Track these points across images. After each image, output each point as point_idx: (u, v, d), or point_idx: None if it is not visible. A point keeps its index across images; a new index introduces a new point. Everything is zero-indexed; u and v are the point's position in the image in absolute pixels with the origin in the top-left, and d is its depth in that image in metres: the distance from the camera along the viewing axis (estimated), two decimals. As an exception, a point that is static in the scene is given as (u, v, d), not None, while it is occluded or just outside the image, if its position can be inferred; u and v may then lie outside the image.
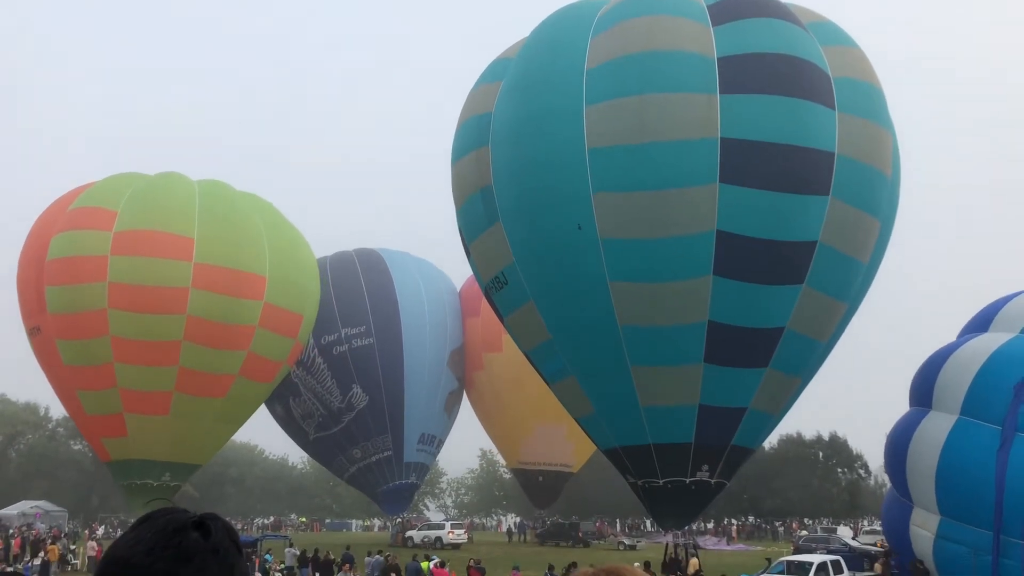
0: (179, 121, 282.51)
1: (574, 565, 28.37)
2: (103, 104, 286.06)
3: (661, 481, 24.47)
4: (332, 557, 33.03)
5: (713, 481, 24.59)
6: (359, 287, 44.62)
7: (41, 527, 53.69)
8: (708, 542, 54.19)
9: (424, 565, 30.05)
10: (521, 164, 23.25)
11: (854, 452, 74.16)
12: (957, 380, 22.39)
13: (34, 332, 35.32)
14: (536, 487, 54.39)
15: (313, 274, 40.16)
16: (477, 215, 25.03)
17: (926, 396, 23.44)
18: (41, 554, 39.48)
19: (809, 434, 74.61)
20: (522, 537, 63.08)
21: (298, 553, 35.26)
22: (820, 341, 24.08)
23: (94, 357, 33.45)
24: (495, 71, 25.83)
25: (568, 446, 48.26)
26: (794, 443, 73.96)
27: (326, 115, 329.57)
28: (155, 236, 33.55)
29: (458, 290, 50.15)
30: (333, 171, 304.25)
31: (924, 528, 22.51)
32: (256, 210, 37.36)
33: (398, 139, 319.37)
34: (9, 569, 32.72)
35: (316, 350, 43.36)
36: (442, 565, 29.89)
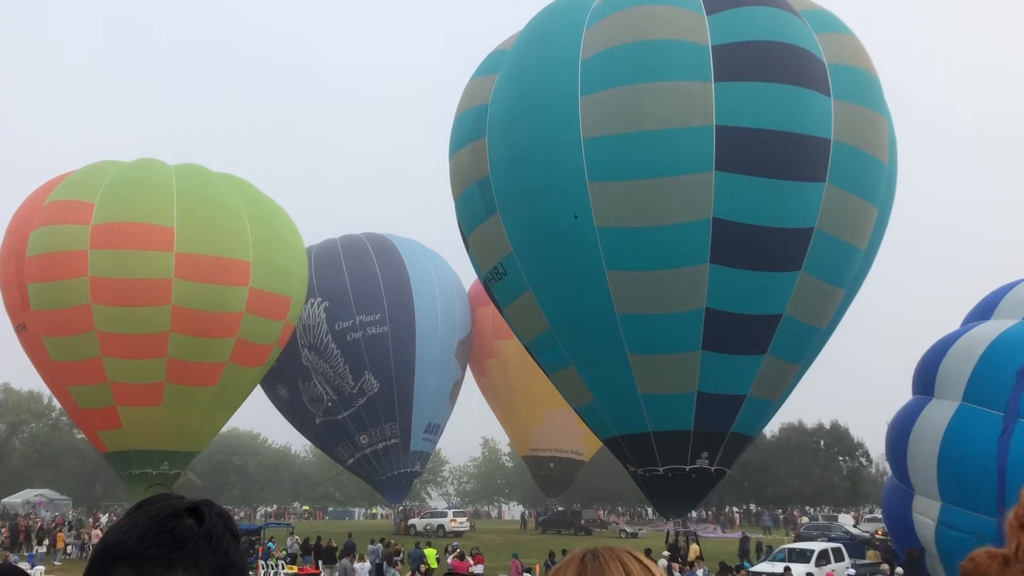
0: (182, 110, 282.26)
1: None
2: (84, 92, 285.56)
3: (661, 469, 24.48)
4: (335, 545, 33.13)
5: (713, 469, 24.61)
6: (374, 274, 44.58)
7: (45, 515, 53.97)
8: (707, 530, 54.31)
9: (429, 552, 30.06)
10: (517, 154, 23.24)
11: (855, 440, 74.26)
12: (959, 367, 22.32)
13: (21, 329, 34.95)
14: (547, 475, 54.43)
15: (299, 254, 39.54)
16: (475, 206, 25.00)
17: (928, 384, 23.39)
18: (46, 541, 39.77)
19: (810, 422, 74.79)
20: (525, 525, 63.41)
21: (301, 541, 35.38)
22: (818, 327, 24.08)
23: (82, 352, 33.08)
24: (492, 63, 25.77)
25: (579, 433, 48.33)
26: (795, 431, 74.06)
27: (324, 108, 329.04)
28: (134, 228, 32.95)
29: (464, 279, 50.20)
30: (330, 161, 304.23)
31: (926, 515, 22.51)
32: (235, 191, 36.54)
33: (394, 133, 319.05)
34: (12, 557, 32.85)
35: (330, 335, 43.41)
36: (461, 557, 29.26)
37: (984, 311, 24.55)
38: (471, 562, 28.76)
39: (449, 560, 30.37)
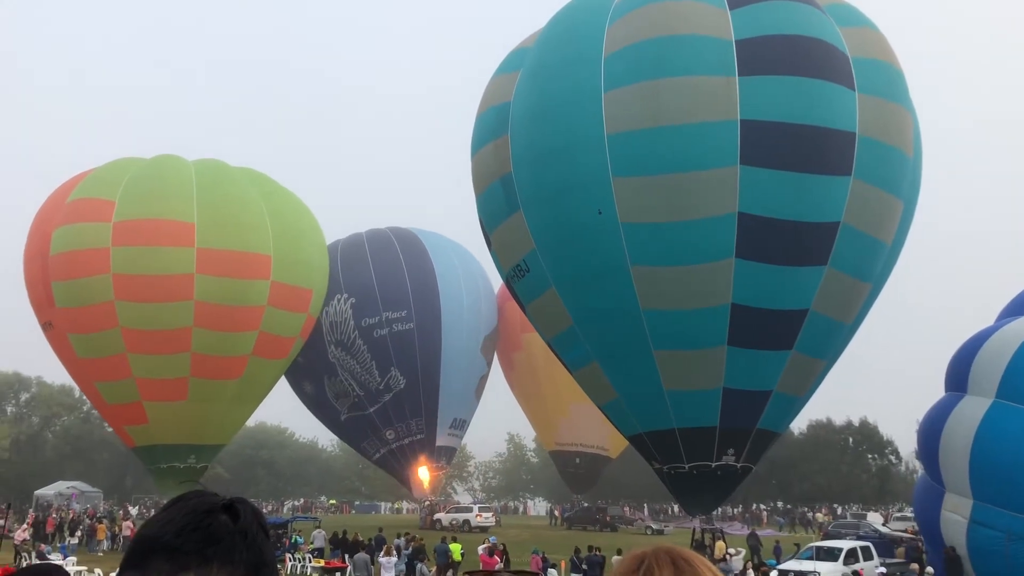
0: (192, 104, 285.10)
1: (596, 549, 28.23)
2: (100, 87, 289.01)
3: (687, 466, 24.31)
4: (361, 539, 33.28)
5: (739, 465, 24.39)
6: (400, 270, 44.65)
7: (76, 507, 54.82)
8: (733, 527, 53.92)
9: (454, 547, 30.08)
10: (540, 151, 23.16)
11: (884, 438, 73.37)
12: (993, 363, 21.96)
13: (47, 327, 35.38)
14: (573, 472, 54.17)
15: (320, 247, 39.72)
16: (497, 204, 24.94)
17: (961, 381, 23.00)
18: (78, 532, 40.35)
19: (839, 420, 73.99)
20: (555, 520, 63.42)
21: (328, 536, 35.57)
22: (844, 323, 23.82)
23: (106, 349, 33.46)
24: (513, 61, 25.70)
25: (605, 428, 48.06)
26: (824, 429, 73.34)
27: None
28: (155, 224, 33.24)
29: (491, 273, 50.02)
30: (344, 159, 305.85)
31: (956, 513, 22.14)
32: (254, 185, 36.72)
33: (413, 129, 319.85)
34: (45, 548, 33.34)
35: (356, 332, 43.63)
36: (491, 553, 28.74)
37: (1019, 307, 24.09)
38: (497, 559, 28.60)
39: (480, 551, 30.30)
